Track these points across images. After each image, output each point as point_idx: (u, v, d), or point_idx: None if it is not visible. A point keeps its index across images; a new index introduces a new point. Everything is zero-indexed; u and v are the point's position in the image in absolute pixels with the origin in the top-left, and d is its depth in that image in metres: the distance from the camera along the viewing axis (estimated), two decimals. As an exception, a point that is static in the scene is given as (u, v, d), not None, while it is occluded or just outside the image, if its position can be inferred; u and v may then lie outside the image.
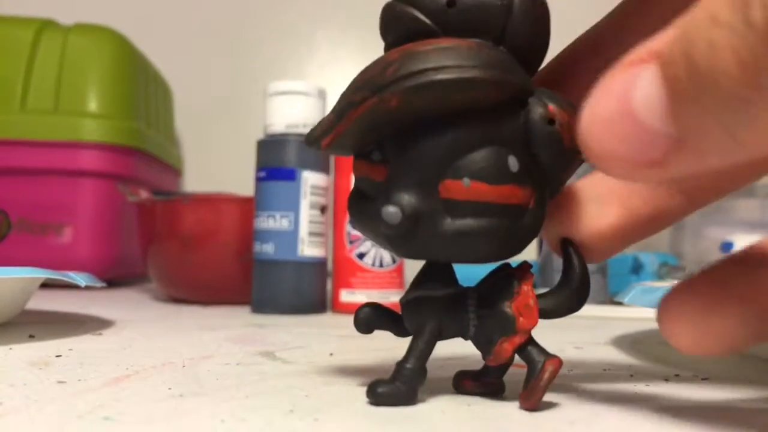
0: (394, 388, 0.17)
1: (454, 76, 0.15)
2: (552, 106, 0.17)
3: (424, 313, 0.18)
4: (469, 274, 0.24)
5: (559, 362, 0.17)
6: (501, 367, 0.19)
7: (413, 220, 0.16)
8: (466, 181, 0.16)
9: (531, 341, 0.17)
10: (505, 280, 0.18)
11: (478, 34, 0.16)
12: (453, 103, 0.16)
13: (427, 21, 0.16)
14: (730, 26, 0.11)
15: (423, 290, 0.18)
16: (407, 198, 0.16)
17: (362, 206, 0.18)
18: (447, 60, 0.16)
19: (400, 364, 0.17)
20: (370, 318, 0.19)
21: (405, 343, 0.18)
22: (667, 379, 0.22)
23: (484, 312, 0.18)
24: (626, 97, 0.12)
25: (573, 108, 0.17)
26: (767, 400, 0.19)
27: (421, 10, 0.16)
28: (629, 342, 0.32)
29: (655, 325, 0.39)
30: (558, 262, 0.46)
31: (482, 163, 0.16)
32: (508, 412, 0.17)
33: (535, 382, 0.17)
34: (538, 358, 0.17)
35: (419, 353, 0.18)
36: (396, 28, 0.17)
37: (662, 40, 0.12)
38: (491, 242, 0.17)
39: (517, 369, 0.18)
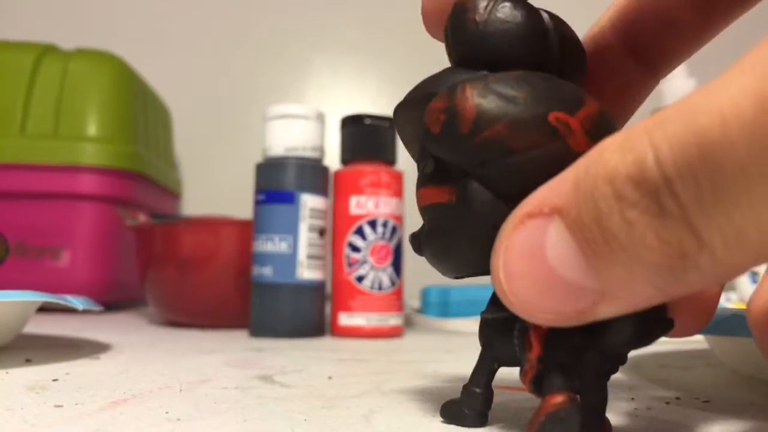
0: (460, 410, 0.17)
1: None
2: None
3: (483, 335, 0.18)
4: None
5: (564, 400, 0.14)
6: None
7: (417, 237, 0.18)
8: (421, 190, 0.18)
9: (550, 371, 0.15)
10: None
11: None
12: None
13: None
14: (643, 208, 0.10)
15: (485, 312, 0.18)
16: None
17: None
18: None
19: (466, 387, 0.18)
20: None
21: (401, 366, 0.18)
22: (668, 402, 0.22)
23: (521, 338, 0.16)
24: (539, 254, 0.12)
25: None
26: (769, 422, 0.19)
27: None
28: (630, 364, 0.32)
29: (656, 348, 0.39)
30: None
31: (421, 171, 0.18)
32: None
33: (532, 417, 0.14)
34: (544, 391, 0.15)
35: (480, 377, 0.18)
36: None
37: (561, 196, 0.12)
38: (439, 245, 0.17)
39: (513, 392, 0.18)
